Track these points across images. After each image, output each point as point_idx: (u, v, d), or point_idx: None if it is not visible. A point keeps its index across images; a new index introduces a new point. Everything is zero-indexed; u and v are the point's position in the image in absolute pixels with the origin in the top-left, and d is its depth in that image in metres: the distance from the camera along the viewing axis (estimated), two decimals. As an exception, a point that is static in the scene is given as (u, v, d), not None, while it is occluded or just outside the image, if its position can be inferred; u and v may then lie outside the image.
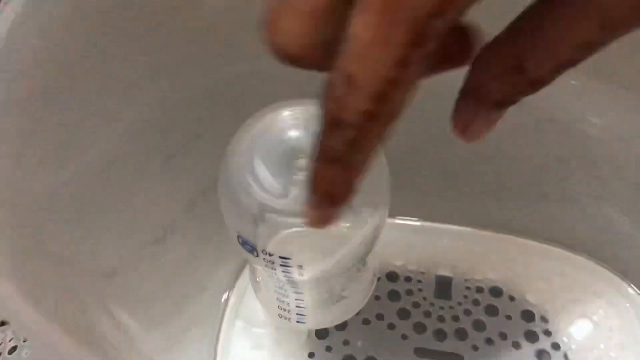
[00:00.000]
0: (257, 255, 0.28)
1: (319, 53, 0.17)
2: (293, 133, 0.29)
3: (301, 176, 0.28)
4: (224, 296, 0.45)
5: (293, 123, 0.29)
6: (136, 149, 0.32)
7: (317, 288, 0.33)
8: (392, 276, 0.46)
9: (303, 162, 0.28)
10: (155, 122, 0.33)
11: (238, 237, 0.28)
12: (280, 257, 0.28)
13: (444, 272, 0.46)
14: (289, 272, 0.29)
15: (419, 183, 0.47)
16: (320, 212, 0.21)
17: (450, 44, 0.18)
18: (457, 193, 0.48)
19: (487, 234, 0.48)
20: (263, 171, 0.27)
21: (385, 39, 0.15)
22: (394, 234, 0.48)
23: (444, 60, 0.19)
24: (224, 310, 0.44)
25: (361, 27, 0.15)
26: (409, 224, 0.48)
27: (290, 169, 0.28)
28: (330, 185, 0.20)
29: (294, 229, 0.26)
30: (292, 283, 0.31)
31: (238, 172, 0.27)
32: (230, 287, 0.45)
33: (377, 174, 0.28)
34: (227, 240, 0.30)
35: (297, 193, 0.27)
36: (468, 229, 0.48)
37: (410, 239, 0.47)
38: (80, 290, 0.28)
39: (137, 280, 0.35)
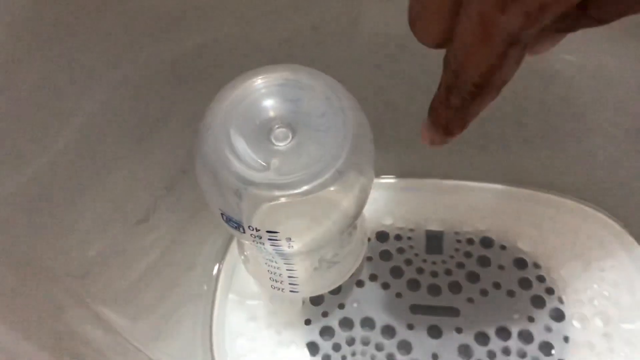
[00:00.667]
0: (244, 232, 0.27)
1: (442, 42, 0.22)
2: (268, 102, 0.28)
3: (281, 146, 0.27)
4: (214, 271, 0.44)
5: (267, 91, 0.28)
6: (104, 135, 0.31)
7: (308, 257, 0.33)
8: (382, 236, 0.45)
9: (281, 131, 0.27)
10: (121, 106, 0.32)
11: (222, 214, 0.27)
12: (268, 232, 0.27)
13: (434, 227, 0.46)
14: (278, 246, 0.28)
15: (399, 139, 0.46)
16: (435, 136, 0.26)
17: None
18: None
19: (473, 184, 0.47)
20: (241, 144, 0.26)
21: (485, 41, 0.19)
22: (380, 193, 0.47)
23: None
24: (216, 285, 0.43)
25: (465, 32, 0.20)
26: (394, 182, 0.48)
27: (269, 139, 0.27)
28: (448, 122, 0.24)
29: (279, 202, 0.26)
30: (282, 255, 0.31)
31: (215, 147, 0.26)
32: (220, 261, 0.45)
33: (360, 136, 0.27)
34: (212, 215, 0.29)
35: (278, 164, 0.26)
36: (453, 182, 0.48)
37: (396, 197, 0.47)
38: (54, 294, 0.27)
39: (120, 268, 0.34)
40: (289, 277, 0.34)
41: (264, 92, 0.28)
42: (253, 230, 0.27)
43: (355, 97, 0.28)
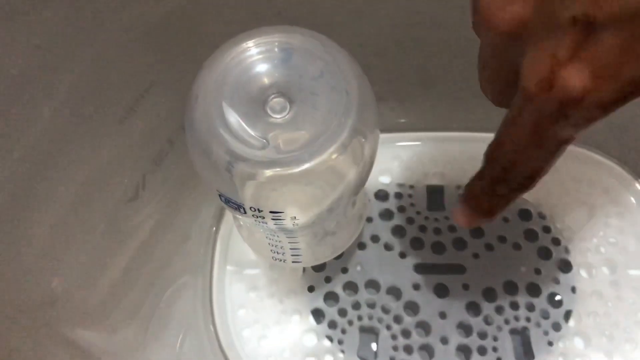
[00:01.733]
0: (245, 212, 0.25)
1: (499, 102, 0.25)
2: (262, 69, 0.25)
3: (278, 118, 0.24)
4: (210, 241, 0.42)
5: (260, 57, 0.25)
6: (80, 116, 0.28)
7: (312, 229, 0.31)
8: (381, 195, 0.44)
9: (278, 101, 0.25)
10: (100, 79, 0.29)
11: (220, 196, 0.25)
12: (272, 212, 0.25)
13: (434, 182, 0.44)
14: (281, 224, 0.26)
15: (392, 90, 0.44)
16: (475, 220, 0.28)
17: None
18: (435, 96, 0.45)
19: (472, 135, 0.46)
20: (235, 119, 0.24)
21: (539, 146, 0.22)
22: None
23: None
24: (212, 256, 0.42)
25: (518, 138, 0.22)
26: (389, 137, 0.46)
27: (265, 111, 0.25)
28: (492, 208, 0.27)
29: (282, 180, 0.24)
30: (285, 231, 0.29)
31: (206, 123, 0.24)
32: (215, 231, 0.43)
33: (364, 98, 0.25)
34: (204, 185, 0.27)
35: (277, 141, 0.24)
36: (451, 133, 0.46)
37: (393, 153, 0.45)
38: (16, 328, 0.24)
39: (113, 248, 0.32)
40: (291, 249, 0.33)
41: (256, 58, 0.25)
42: (255, 211, 0.25)
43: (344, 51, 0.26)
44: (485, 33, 0.22)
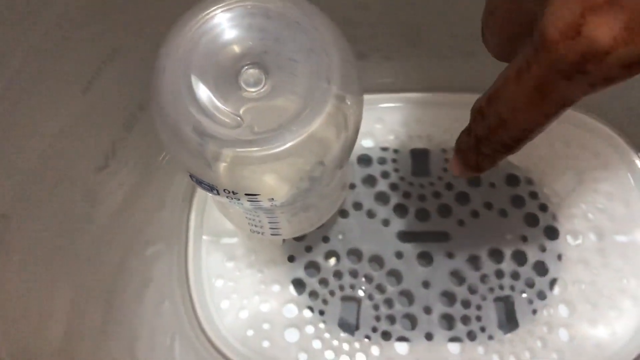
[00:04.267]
0: (218, 194, 0.23)
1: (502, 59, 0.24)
2: (233, 33, 0.23)
3: (253, 92, 0.22)
4: (184, 209, 0.41)
5: (232, 22, 0.23)
6: (40, 87, 0.26)
7: (292, 207, 0.29)
8: (364, 160, 0.42)
9: (252, 73, 0.22)
10: (58, 46, 0.26)
11: (191, 176, 0.23)
12: (247, 194, 0.23)
13: (419, 145, 0.42)
14: (258, 204, 0.24)
15: (376, 48, 0.42)
16: (466, 172, 0.27)
17: None
18: (421, 54, 0.43)
19: (460, 96, 0.43)
20: (205, 94, 0.22)
21: (539, 105, 0.20)
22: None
23: None
24: (187, 225, 0.40)
25: (516, 94, 0.20)
26: (371, 99, 0.43)
27: (238, 85, 0.22)
28: (479, 163, 0.26)
29: (258, 160, 0.22)
30: (263, 209, 0.27)
31: (174, 99, 0.22)
32: (190, 199, 0.41)
33: (346, 62, 0.23)
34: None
35: (254, 118, 0.22)
36: (439, 94, 0.44)
37: (376, 115, 0.43)
38: None
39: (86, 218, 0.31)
40: (270, 222, 0.31)
41: (227, 24, 0.23)
42: (229, 193, 0.23)
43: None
44: None
